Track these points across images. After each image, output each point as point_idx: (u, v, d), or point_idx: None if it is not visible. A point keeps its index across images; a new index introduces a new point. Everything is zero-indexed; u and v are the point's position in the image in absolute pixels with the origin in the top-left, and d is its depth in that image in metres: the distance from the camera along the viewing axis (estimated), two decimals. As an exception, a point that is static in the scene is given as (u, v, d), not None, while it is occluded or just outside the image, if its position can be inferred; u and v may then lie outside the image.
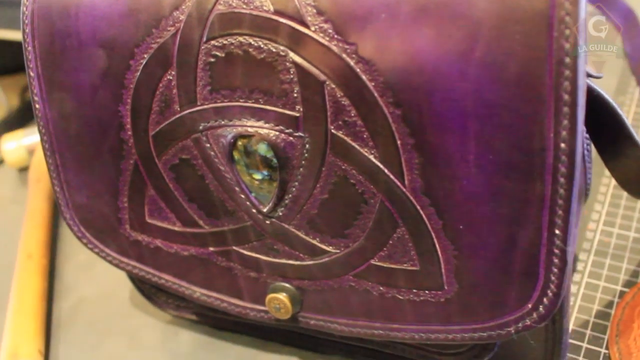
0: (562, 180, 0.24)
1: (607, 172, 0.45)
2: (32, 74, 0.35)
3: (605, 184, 0.49)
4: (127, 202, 0.36)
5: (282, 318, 0.35)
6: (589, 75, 0.28)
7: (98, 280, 0.51)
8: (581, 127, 0.24)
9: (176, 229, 0.36)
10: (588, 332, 0.39)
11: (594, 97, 0.31)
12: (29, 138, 0.65)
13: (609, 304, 0.40)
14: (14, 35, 0.68)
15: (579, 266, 0.43)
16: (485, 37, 0.24)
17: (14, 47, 0.51)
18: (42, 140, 0.37)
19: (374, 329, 0.33)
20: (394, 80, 0.26)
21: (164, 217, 0.36)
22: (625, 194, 0.47)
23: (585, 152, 0.34)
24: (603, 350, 0.38)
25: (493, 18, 0.24)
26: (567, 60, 0.23)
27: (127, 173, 0.35)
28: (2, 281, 0.51)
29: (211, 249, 0.36)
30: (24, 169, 0.67)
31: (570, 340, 0.38)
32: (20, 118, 0.74)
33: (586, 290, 0.41)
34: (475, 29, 0.24)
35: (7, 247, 0.54)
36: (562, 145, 0.24)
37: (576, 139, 0.24)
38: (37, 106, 0.36)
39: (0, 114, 0.72)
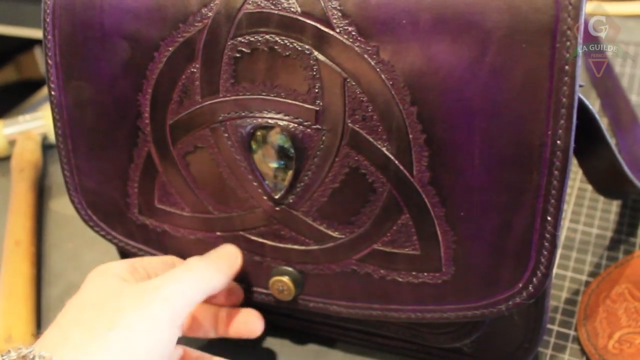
0: (556, 172, 0.28)
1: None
2: (50, 62, 0.36)
3: (570, 186, 0.54)
4: (137, 187, 0.38)
5: (285, 299, 0.37)
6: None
7: (85, 269, 0.52)
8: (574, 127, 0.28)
9: (185, 214, 0.38)
10: (558, 316, 0.43)
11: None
12: (9, 128, 0.64)
13: (576, 292, 0.44)
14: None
15: (548, 258, 0.47)
16: (495, 45, 0.27)
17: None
18: (55, 126, 0.38)
19: (372, 309, 0.36)
20: (411, 80, 0.29)
21: (173, 202, 0.38)
22: (587, 193, 0.52)
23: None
24: (572, 333, 0.41)
25: (503, 29, 0.27)
26: (567, 68, 0.26)
27: (140, 159, 0.37)
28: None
29: (218, 233, 0.38)
30: (3, 159, 0.67)
31: (542, 324, 0.42)
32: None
33: (555, 280, 0.45)
34: (486, 38, 0.27)
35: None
36: (558, 142, 0.27)
37: (570, 137, 0.27)
38: (52, 93, 0.37)
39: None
